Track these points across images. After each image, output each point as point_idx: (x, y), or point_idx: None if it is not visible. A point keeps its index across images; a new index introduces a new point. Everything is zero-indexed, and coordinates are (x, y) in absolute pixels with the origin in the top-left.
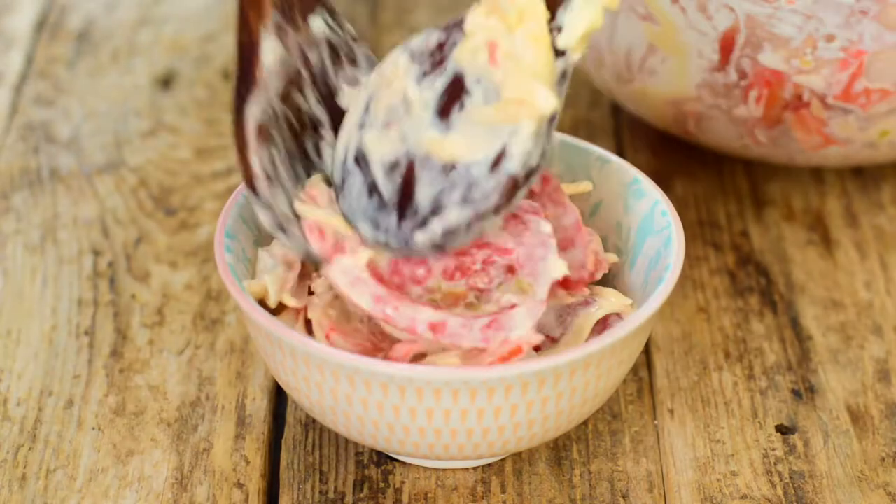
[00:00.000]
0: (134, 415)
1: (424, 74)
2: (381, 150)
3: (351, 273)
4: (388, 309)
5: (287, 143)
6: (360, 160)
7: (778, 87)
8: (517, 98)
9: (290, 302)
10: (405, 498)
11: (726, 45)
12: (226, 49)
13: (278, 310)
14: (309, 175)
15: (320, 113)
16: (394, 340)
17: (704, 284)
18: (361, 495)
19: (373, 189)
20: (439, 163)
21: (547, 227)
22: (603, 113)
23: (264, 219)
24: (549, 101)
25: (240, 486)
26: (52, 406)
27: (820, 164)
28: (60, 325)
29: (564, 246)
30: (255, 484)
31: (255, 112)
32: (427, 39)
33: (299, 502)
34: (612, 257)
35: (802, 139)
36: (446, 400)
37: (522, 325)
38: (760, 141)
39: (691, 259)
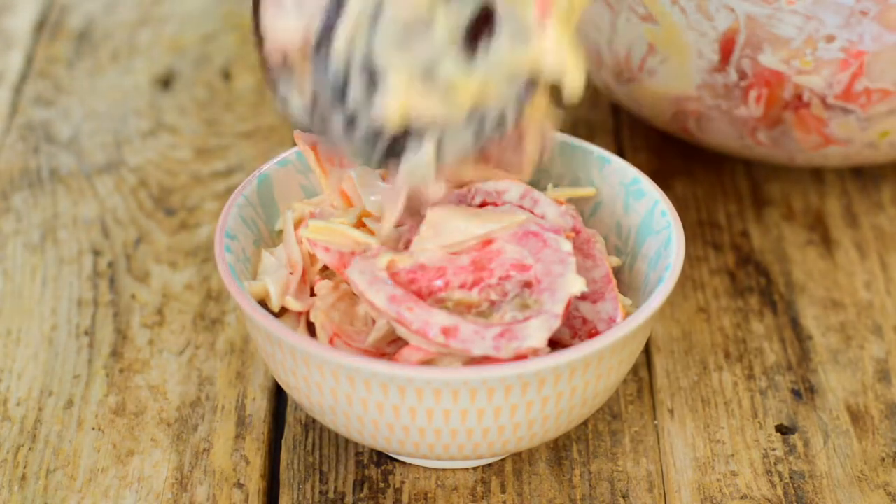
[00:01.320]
0: (134, 415)
1: None
2: (396, 68)
3: (369, 273)
4: (402, 309)
5: None
6: (370, 71)
7: (778, 88)
8: (555, 66)
9: (293, 305)
10: (405, 498)
11: (726, 46)
12: (226, 49)
13: (280, 311)
14: None
15: None
16: (399, 346)
17: (704, 284)
18: (361, 495)
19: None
20: (460, 103)
21: (567, 246)
22: (603, 113)
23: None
24: (576, 88)
25: (240, 486)
26: (52, 406)
27: (820, 164)
28: (60, 325)
29: (594, 299)
30: (255, 484)
31: None
32: None
33: (299, 502)
34: (615, 261)
35: (802, 139)
36: (446, 400)
37: (536, 337)
38: (761, 141)
39: (691, 259)
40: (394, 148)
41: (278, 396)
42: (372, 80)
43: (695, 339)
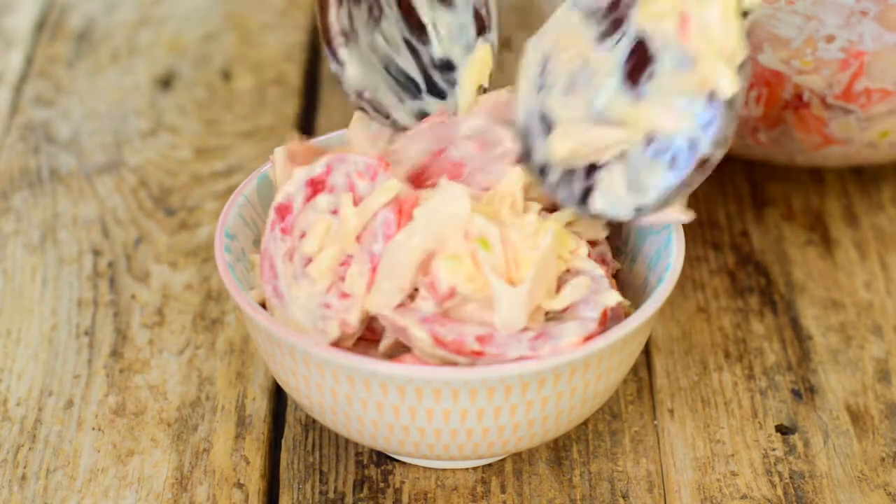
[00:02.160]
0: (134, 415)
1: (602, 36)
2: (567, 116)
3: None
4: (434, 326)
5: (372, 15)
6: (547, 122)
7: (778, 88)
8: (706, 76)
9: None
10: (405, 498)
11: None
12: (226, 49)
13: None
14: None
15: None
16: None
17: (704, 284)
18: (361, 495)
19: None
20: (638, 136)
21: (598, 270)
22: None
23: (343, 80)
24: (731, 86)
25: (240, 486)
26: (52, 406)
27: (820, 164)
28: (60, 325)
29: None
30: (255, 484)
31: None
32: None
33: (299, 502)
34: (617, 265)
35: (803, 139)
36: (446, 400)
37: (571, 336)
38: (761, 141)
39: (691, 259)
40: (589, 186)
41: (278, 396)
42: (549, 129)
43: (695, 339)
